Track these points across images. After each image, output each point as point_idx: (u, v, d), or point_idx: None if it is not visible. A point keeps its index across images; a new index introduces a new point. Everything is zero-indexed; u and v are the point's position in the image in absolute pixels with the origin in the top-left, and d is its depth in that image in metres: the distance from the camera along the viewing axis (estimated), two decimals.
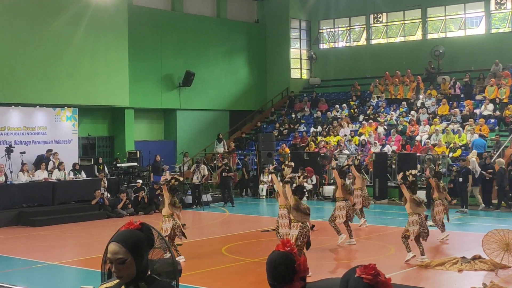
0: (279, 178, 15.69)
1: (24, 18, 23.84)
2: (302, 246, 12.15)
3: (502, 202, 22.49)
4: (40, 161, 22.45)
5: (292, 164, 16.28)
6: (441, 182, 17.17)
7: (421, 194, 19.41)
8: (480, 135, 25.32)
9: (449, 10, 32.89)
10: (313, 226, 14.33)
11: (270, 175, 13.11)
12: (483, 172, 22.53)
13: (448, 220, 16.68)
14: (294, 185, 13.07)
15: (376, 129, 28.27)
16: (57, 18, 24.53)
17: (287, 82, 36.00)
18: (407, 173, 14.51)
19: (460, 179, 22.30)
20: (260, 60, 35.86)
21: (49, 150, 22.97)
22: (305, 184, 15.82)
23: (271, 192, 27.19)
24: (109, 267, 3.48)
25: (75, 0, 25.17)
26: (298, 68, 37.43)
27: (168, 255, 5.09)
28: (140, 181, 24.36)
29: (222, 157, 28.84)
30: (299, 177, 13.47)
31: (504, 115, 26.60)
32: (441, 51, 31.21)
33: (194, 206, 24.27)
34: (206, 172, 25.12)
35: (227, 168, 25.57)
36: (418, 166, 24.30)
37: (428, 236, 13.74)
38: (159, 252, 4.16)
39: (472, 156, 23.32)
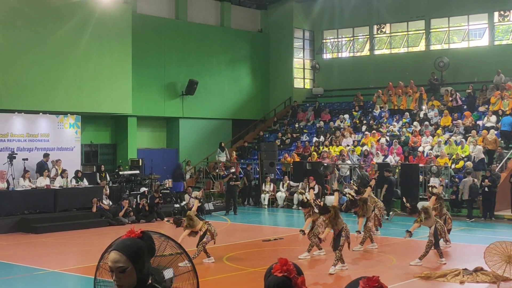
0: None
1: (29, 25, 23.92)
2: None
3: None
4: (42, 168, 22.44)
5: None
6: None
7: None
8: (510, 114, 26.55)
9: (452, 22, 32.95)
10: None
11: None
12: (482, 183, 22.53)
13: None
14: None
15: (378, 139, 28.23)
16: (62, 26, 24.62)
17: (290, 91, 36.03)
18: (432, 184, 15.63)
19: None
20: (263, 69, 35.90)
21: (46, 155, 22.94)
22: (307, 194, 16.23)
23: (273, 202, 27.18)
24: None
25: (79, 8, 25.25)
26: (301, 77, 37.47)
27: (186, 263, 5.07)
28: (144, 188, 24.41)
29: (225, 166, 28.90)
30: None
31: None
32: (444, 62, 31.22)
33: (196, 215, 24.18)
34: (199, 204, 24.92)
35: (234, 177, 25.53)
36: (421, 177, 24.32)
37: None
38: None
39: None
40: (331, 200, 20.43)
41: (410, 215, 16.32)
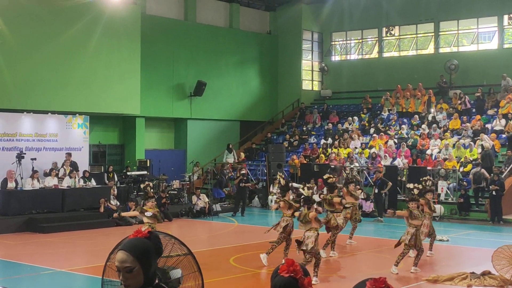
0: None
1: (38, 25, 24.01)
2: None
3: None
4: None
5: (314, 185, 16.36)
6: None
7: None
8: None
9: (462, 25, 32.84)
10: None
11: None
12: (490, 187, 22.50)
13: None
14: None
15: (386, 142, 28.18)
16: (71, 26, 24.69)
17: (298, 93, 36.02)
18: (411, 186, 14.77)
19: (376, 190, 23.53)
20: (271, 71, 35.89)
21: (69, 154, 23.10)
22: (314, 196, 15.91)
23: None
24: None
25: (89, 9, 25.32)
26: (310, 79, 37.44)
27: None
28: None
29: (233, 168, 28.91)
30: (302, 188, 13.82)
31: None
32: (455, 64, 31.10)
33: (203, 216, 24.22)
34: (207, 199, 24.89)
35: (245, 178, 25.55)
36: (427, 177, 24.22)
37: (420, 251, 13.85)
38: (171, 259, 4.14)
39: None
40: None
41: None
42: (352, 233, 17.65)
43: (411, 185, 15.17)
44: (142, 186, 15.56)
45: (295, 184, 27.22)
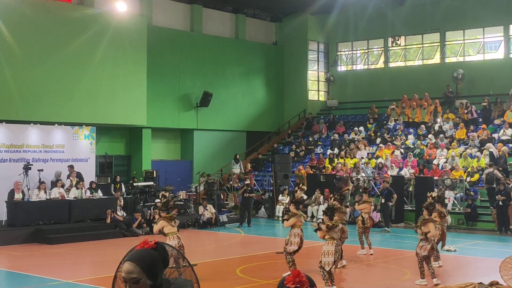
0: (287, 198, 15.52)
1: (45, 37, 24.13)
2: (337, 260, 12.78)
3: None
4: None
5: (304, 187, 16.34)
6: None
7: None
8: None
9: (468, 34, 32.83)
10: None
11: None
12: (496, 197, 22.42)
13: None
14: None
15: (393, 152, 28.14)
16: (78, 38, 24.80)
17: (305, 104, 36.02)
18: (428, 194, 14.93)
19: (383, 200, 23.51)
20: (277, 81, 35.94)
21: (71, 166, 23.12)
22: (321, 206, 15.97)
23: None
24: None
25: (95, 20, 25.44)
26: (316, 90, 37.45)
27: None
28: (158, 200, 24.42)
29: (239, 178, 28.87)
30: (330, 198, 13.96)
31: None
32: (461, 74, 31.05)
33: (210, 227, 24.21)
34: (213, 210, 24.87)
35: (249, 188, 25.57)
36: (435, 190, 24.19)
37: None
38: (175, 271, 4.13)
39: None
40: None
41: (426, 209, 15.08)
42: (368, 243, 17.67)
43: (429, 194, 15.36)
44: (161, 193, 15.53)
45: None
